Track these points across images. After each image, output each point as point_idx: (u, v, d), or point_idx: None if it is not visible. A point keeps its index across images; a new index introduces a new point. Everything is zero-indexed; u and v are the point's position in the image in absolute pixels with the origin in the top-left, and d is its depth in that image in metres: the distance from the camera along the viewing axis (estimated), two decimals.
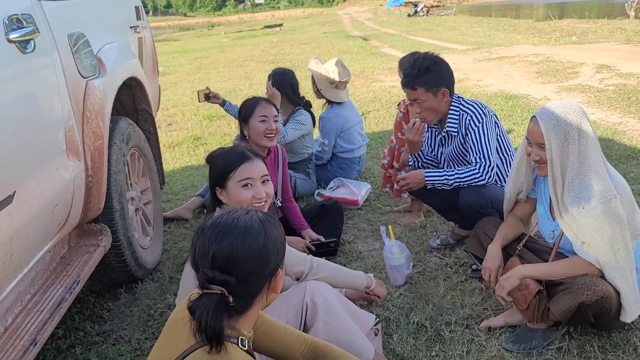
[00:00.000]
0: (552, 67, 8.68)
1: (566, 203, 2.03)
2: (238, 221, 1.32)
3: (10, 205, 1.70)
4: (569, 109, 2.03)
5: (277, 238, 1.36)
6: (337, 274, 2.13)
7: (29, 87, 1.93)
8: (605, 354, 2.09)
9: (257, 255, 1.30)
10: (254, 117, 2.92)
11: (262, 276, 1.33)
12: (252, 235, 1.31)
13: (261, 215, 1.37)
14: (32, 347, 1.74)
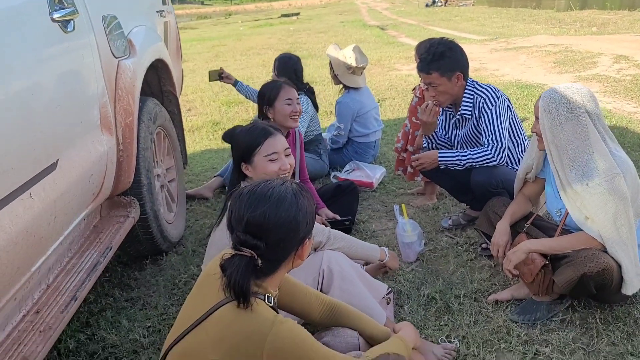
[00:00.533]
0: (570, 57, 8.67)
1: (570, 180, 2.14)
2: (273, 191, 1.42)
3: (55, 172, 1.85)
4: (572, 90, 2.15)
5: (308, 210, 1.45)
6: (353, 245, 2.25)
7: (69, 65, 2.08)
8: (607, 325, 2.20)
9: (288, 224, 1.40)
10: (279, 100, 3.03)
11: (290, 244, 1.44)
12: (285, 205, 1.40)
13: (295, 187, 1.46)
14: (73, 302, 1.90)
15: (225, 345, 1.35)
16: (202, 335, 1.39)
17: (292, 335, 1.36)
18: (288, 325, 1.37)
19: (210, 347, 1.36)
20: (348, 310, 1.79)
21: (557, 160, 2.17)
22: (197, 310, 1.43)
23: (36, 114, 1.75)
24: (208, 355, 1.35)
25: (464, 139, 2.96)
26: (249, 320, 1.35)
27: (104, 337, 2.37)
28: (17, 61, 1.70)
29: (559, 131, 2.13)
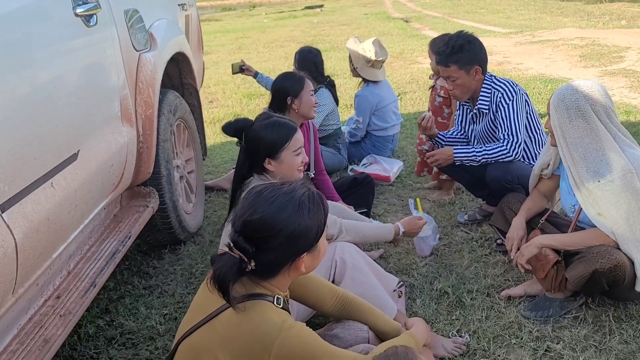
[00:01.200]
0: (596, 50, 8.51)
1: (582, 176, 2.13)
2: (278, 197, 1.38)
3: (76, 162, 1.91)
4: (583, 88, 2.14)
5: (310, 224, 1.38)
6: (366, 233, 2.27)
7: (91, 58, 2.14)
8: (620, 324, 2.19)
9: (282, 236, 1.36)
10: (305, 91, 3.02)
11: (284, 255, 1.40)
12: (285, 214, 1.36)
13: (305, 197, 1.40)
14: (92, 288, 1.97)
15: (233, 347, 1.37)
16: (212, 333, 1.41)
17: (300, 340, 1.37)
18: (296, 330, 1.38)
19: (218, 347, 1.39)
20: (360, 303, 1.81)
21: (568, 156, 2.17)
22: (209, 305, 1.44)
23: (58, 106, 1.82)
24: (217, 354, 1.38)
25: (481, 134, 2.96)
26: (257, 324, 1.37)
27: (122, 323, 2.44)
28: (40, 55, 1.76)
29: (568, 128, 2.14)
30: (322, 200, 1.46)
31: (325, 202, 1.47)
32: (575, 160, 2.14)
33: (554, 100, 2.16)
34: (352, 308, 1.78)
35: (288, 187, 1.42)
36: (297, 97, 3.03)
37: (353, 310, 1.78)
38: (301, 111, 3.05)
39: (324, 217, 1.45)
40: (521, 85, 2.94)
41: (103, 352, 2.27)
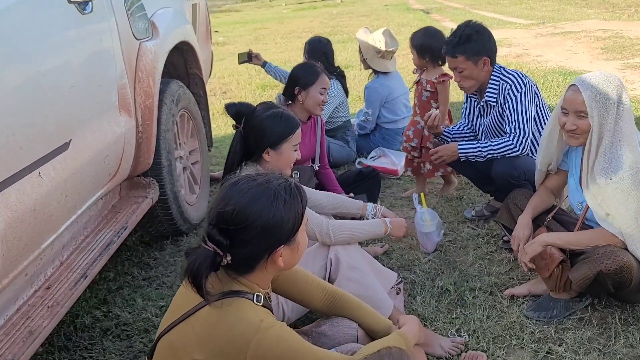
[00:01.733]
0: (619, 43, 8.28)
1: (595, 173, 2.04)
2: (252, 188, 1.34)
3: (66, 152, 1.89)
4: (610, 79, 2.04)
5: (286, 216, 1.34)
6: (356, 233, 2.19)
7: (85, 46, 2.11)
8: (627, 326, 2.10)
9: (256, 227, 1.32)
10: (315, 86, 2.95)
11: (258, 248, 1.35)
12: (258, 205, 1.32)
13: (282, 188, 1.36)
14: (83, 280, 1.95)
15: (209, 347, 1.33)
16: (189, 331, 1.37)
17: (277, 342, 1.32)
18: (273, 331, 1.33)
19: (195, 346, 1.35)
20: (350, 300, 1.76)
21: (593, 153, 2.05)
22: (188, 301, 1.40)
23: (47, 95, 1.79)
24: (192, 353, 1.34)
25: (488, 128, 2.87)
26: (233, 323, 1.32)
27: (118, 315, 2.43)
28: (29, 42, 1.74)
29: (605, 124, 2.01)
30: (299, 191, 1.41)
31: (303, 194, 1.42)
32: (597, 156, 2.03)
33: (589, 95, 1.99)
34: (341, 304, 1.73)
35: (263, 178, 1.38)
36: (305, 89, 2.98)
37: (342, 306, 1.73)
38: (305, 104, 2.99)
39: (302, 209, 1.40)
40: (539, 78, 2.85)
41: (97, 343, 2.26)
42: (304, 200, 1.41)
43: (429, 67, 3.30)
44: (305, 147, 3.12)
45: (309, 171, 3.16)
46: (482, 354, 1.98)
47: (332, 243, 2.12)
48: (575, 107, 2.06)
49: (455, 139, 3.03)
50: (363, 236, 2.24)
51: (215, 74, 8.32)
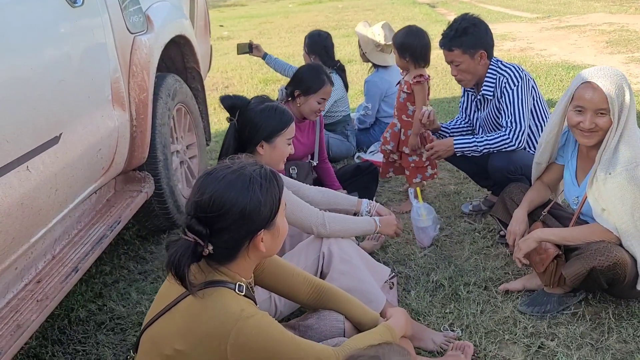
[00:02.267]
0: (624, 36, 8.19)
1: (602, 168, 2.01)
2: (227, 175, 1.35)
3: (56, 146, 1.88)
4: (619, 74, 2.02)
5: (263, 200, 1.34)
6: (349, 227, 2.18)
7: (76, 40, 2.11)
8: (620, 322, 2.08)
9: (235, 212, 1.32)
10: (316, 95, 2.93)
11: (239, 234, 1.35)
12: (234, 191, 1.33)
13: (257, 174, 1.36)
14: (74, 274, 1.95)
15: (190, 337, 1.33)
16: (171, 323, 1.38)
17: (258, 331, 1.31)
18: (254, 320, 1.32)
19: (176, 336, 1.35)
20: (337, 293, 1.75)
21: (610, 151, 1.99)
22: (169, 294, 1.41)
23: (35, 89, 1.79)
24: (174, 344, 1.34)
25: (485, 122, 2.84)
26: (214, 313, 1.32)
27: (112, 309, 2.43)
28: (16, 35, 1.73)
29: (622, 118, 1.97)
30: (275, 176, 1.41)
31: (279, 179, 1.42)
32: (612, 150, 1.99)
33: (609, 91, 1.95)
34: (328, 297, 1.73)
35: (238, 165, 1.38)
36: (305, 95, 2.94)
37: (329, 299, 1.73)
38: (302, 109, 2.98)
39: (279, 193, 1.39)
40: (543, 72, 2.83)
41: (91, 336, 2.27)
42: (280, 185, 1.41)
43: (410, 67, 3.12)
44: (303, 143, 3.11)
45: (307, 167, 3.15)
46: (469, 343, 1.96)
47: (327, 234, 2.12)
48: (596, 105, 1.98)
49: (453, 134, 3.01)
50: (355, 231, 2.22)
51: (217, 68, 8.32)
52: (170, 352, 1.35)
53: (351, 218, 2.24)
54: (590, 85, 1.99)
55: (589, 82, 2.00)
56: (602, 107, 1.97)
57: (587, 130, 2.03)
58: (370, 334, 1.56)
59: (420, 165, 3.16)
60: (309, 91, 2.94)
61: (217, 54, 8.60)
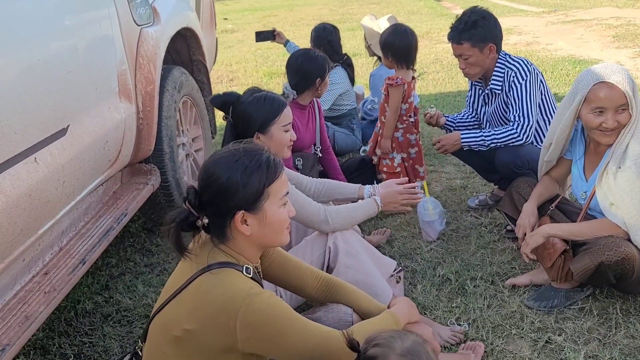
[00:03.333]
0: (631, 31, 8.14)
1: (614, 162, 2.00)
2: (223, 152, 1.43)
3: (64, 138, 1.88)
4: (624, 69, 2.02)
5: (242, 182, 1.37)
6: (352, 216, 2.15)
7: (83, 32, 2.10)
8: (628, 317, 2.08)
9: (214, 186, 1.38)
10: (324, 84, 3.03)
11: (220, 209, 1.39)
12: (220, 165, 1.39)
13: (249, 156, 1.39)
14: (81, 265, 1.95)
15: (199, 315, 1.35)
16: (180, 305, 1.39)
17: (266, 307, 1.33)
18: (263, 297, 1.34)
19: (185, 317, 1.36)
20: (344, 286, 1.75)
21: (624, 144, 1.99)
22: (178, 280, 1.43)
23: (43, 80, 1.78)
24: (183, 324, 1.36)
25: (492, 117, 2.83)
26: (223, 291, 1.34)
27: (119, 301, 2.44)
28: (23, 26, 1.72)
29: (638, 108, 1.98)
30: (269, 165, 1.40)
31: (274, 169, 1.41)
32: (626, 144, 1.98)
33: (625, 87, 1.94)
34: (336, 290, 1.73)
35: (245, 146, 1.43)
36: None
37: (337, 292, 1.73)
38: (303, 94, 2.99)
39: (266, 181, 1.39)
40: (549, 67, 2.81)
41: (98, 328, 2.27)
42: (273, 175, 1.41)
43: (396, 67, 3.05)
44: (305, 132, 3.10)
45: (312, 158, 3.14)
46: (480, 343, 1.96)
47: (331, 229, 2.10)
48: (616, 102, 1.97)
49: (459, 128, 3.00)
50: (358, 218, 2.18)
51: (222, 61, 8.30)
52: (180, 333, 1.36)
53: (352, 206, 2.19)
54: (605, 85, 1.97)
55: (604, 82, 1.98)
56: (622, 102, 1.97)
57: (610, 129, 2.01)
58: (374, 321, 1.57)
59: (392, 170, 3.09)
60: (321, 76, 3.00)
61: (222, 47, 8.58)
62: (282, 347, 1.37)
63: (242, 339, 1.33)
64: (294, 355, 1.40)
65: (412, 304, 1.73)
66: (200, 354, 1.37)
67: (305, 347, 1.38)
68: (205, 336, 1.35)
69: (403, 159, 3.11)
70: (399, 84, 2.98)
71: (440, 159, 3.83)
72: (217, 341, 1.35)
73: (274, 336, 1.34)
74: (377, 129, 3.21)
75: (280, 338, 1.35)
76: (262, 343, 1.35)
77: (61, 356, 2.12)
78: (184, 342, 1.37)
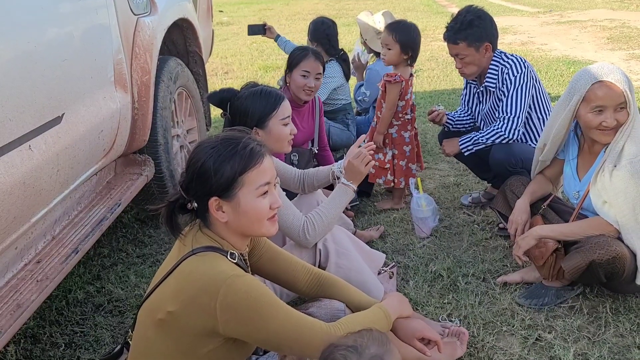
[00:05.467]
0: (625, 33, 8.19)
1: (610, 160, 2.02)
2: (207, 139, 1.46)
3: (59, 126, 1.87)
4: (618, 68, 2.04)
5: (214, 168, 1.38)
6: (331, 215, 2.07)
7: (79, 19, 2.08)
8: (617, 316, 2.10)
9: (192, 169, 1.41)
10: (298, 69, 2.92)
11: (195, 193, 1.42)
12: (200, 149, 1.43)
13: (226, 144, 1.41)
14: (74, 255, 1.95)
15: (182, 296, 1.35)
16: (165, 288, 1.41)
17: (248, 288, 1.33)
18: (245, 279, 1.35)
19: (169, 299, 1.37)
20: (336, 281, 1.75)
21: (622, 142, 2.01)
22: (166, 266, 1.46)
23: (38, 68, 1.76)
24: (166, 306, 1.37)
25: (487, 115, 2.83)
26: (205, 272, 1.35)
27: (110, 291, 2.43)
28: (21, 12, 1.71)
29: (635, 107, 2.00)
30: (245, 154, 1.40)
31: (252, 159, 1.41)
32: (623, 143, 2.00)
33: (623, 85, 1.97)
34: (328, 284, 1.73)
35: (224, 135, 1.46)
36: (290, 72, 2.94)
37: (329, 287, 1.73)
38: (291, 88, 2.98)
39: (241, 169, 1.39)
40: (543, 67, 2.82)
41: (89, 318, 2.27)
42: (248, 164, 1.40)
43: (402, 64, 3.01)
44: (303, 129, 3.10)
45: (308, 154, 3.14)
46: (464, 329, 1.96)
47: (310, 245, 2.05)
48: (615, 101, 1.99)
49: (457, 126, 3.00)
50: (337, 213, 2.10)
51: (217, 53, 8.27)
52: (163, 316, 1.37)
53: (328, 203, 2.10)
54: (604, 84, 1.99)
55: (602, 82, 2.00)
56: (621, 101, 1.99)
57: (610, 127, 2.02)
58: (364, 314, 1.57)
59: (382, 166, 3.08)
60: (292, 66, 2.93)
61: (217, 40, 8.54)
62: (263, 332, 1.36)
63: (222, 321, 1.33)
64: (275, 342, 1.39)
65: (403, 298, 1.73)
66: (182, 337, 1.38)
67: (286, 334, 1.37)
68: (187, 318, 1.35)
69: (394, 156, 3.10)
70: (398, 81, 2.97)
71: (434, 156, 3.84)
72: (198, 323, 1.35)
73: (254, 319, 1.34)
74: (373, 123, 3.19)
75: (261, 322, 1.34)
76: (242, 326, 1.34)
77: (52, 345, 2.11)
78: (167, 324, 1.38)
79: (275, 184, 1.50)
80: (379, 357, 1.13)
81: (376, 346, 1.16)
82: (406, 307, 1.68)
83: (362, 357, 1.12)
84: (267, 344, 1.44)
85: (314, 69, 2.92)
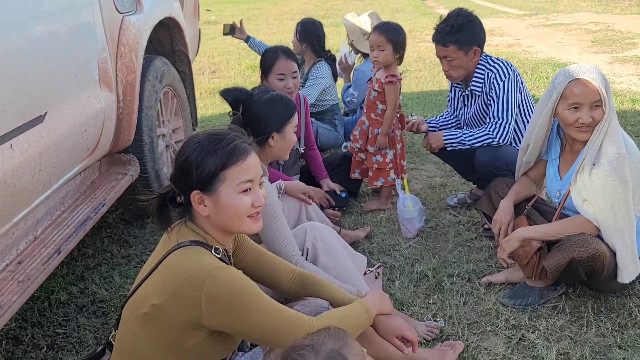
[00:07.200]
0: (609, 36, 8.29)
1: (589, 159, 2.05)
2: (195, 134, 1.49)
3: (41, 125, 1.85)
4: (597, 69, 2.07)
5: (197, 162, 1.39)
6: None
7: (62, 18, 2.06)
8: (599, 316, 2.12)
9: (179, 162, 1.44)
10: (272, 73, 2.89)
11: (179, 186, 1.45)
12: (185, 145, 1.45)
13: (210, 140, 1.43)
14: (56, 255, 1.92)
15: (167, 289, 1.36)
16: (150, 283, 1.42)
17: (232, 280, 1.35)
18: (229, 271, 1.36)
19: (154, 292, 1.38)
20: (319, 280, 1.76)
21: (599, 141, 2.04)
22: (151, 262, 1.46)
23: (21, 65, 1.74)
24: (152, 299, 1.37)
25: (472, 119, 2.85)
26: (190, 265, 1.36)
27: (94, 292, 2.41)
28: (2, 10, 1.69)
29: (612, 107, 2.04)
30: (228, 150, 1.41)
31: (235, 156, 1.41)
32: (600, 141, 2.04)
33: (598, 83, 2.00)
34: (310, 284, 1.74)
35: (210, 130, 1.47)
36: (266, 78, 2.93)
37: (312, 285, 1.74)
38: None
39: (221, 166, 1.40)
40: (529, 69, 2.85)
41: (72, 319, 2.24)
42: (230, 160, 1.41)
43: (394, 64, 3.00)
44: None
45: (294, 154, 3.13)
46: (460, 343, 1.98)
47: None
48: (591, 98, 2.02)
49: (442, 129, 3.02)
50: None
51: (204, 52, 8.22)
52: (148, 310, 1.38)
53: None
54: (580, 82, 2.03)
55: (578, 79, 2.03)
56: (596, 99, 2.02)
57: (586, 125, 2.05)
58: (345, 308, 1.60)
59: (383, 167, 3.07)
60: (266, 72, 2.92)
61: (204, 39, 8.50)
62: (247, 323, 1.37)
63: (207, 313, 1.34)
64: (259, 333, 1.40)
65: (384, 295, 1.75)
66: (168, 330, 1.38)
67: (269, 325, 1.39)
68: (172, 310, 1.36)
69: (395, 155, 3.10)
70: (399, 80, 3.00)
71: (421, 157, 3.86)
72: (183, 315, 1.36)
73: (238, 311, 1.35)
74: (364, 126, 3.13)
75: (245, 313, 1.36)
76: (226, 317, 1.35)
77: (34, 347, 2.09)
78: (152, 318, 1.38)
79: (261, 183, 1.50)
80: (336, 351, 1.14)
81: (333, 341, 1.17)
82: (387, 303, 1.71)
83: (319, 354, 1.13)
84: (251, 336, 1.45)
85: (288, 69, 2.90)
